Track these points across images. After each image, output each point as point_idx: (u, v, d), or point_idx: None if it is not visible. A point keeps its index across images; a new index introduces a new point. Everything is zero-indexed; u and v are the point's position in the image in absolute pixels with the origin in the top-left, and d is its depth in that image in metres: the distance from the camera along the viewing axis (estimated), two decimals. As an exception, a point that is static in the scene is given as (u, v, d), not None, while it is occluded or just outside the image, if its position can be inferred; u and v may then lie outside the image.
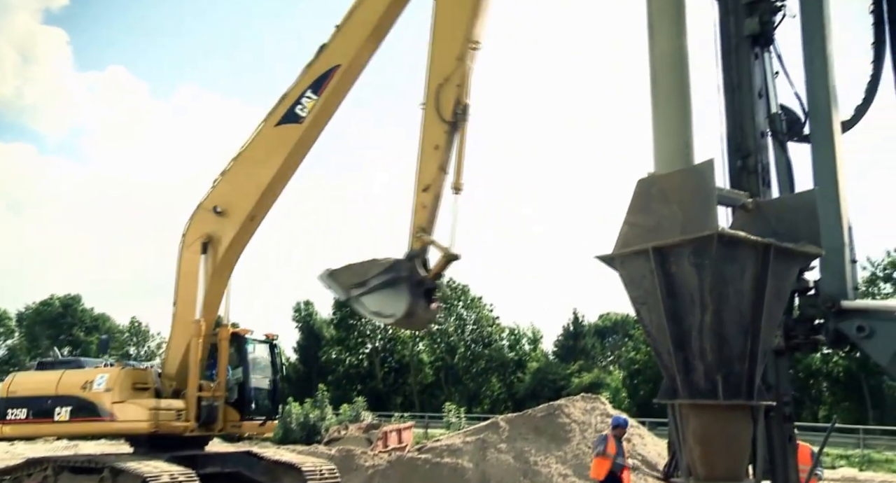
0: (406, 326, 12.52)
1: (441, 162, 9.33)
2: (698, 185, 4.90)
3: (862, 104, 7.91)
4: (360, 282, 9.01)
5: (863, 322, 6.31)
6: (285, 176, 12.35)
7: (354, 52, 10.96)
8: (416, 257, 9.18)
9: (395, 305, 8.98)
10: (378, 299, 9.04)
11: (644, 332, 5.27)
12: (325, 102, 11.39)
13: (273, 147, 12.04)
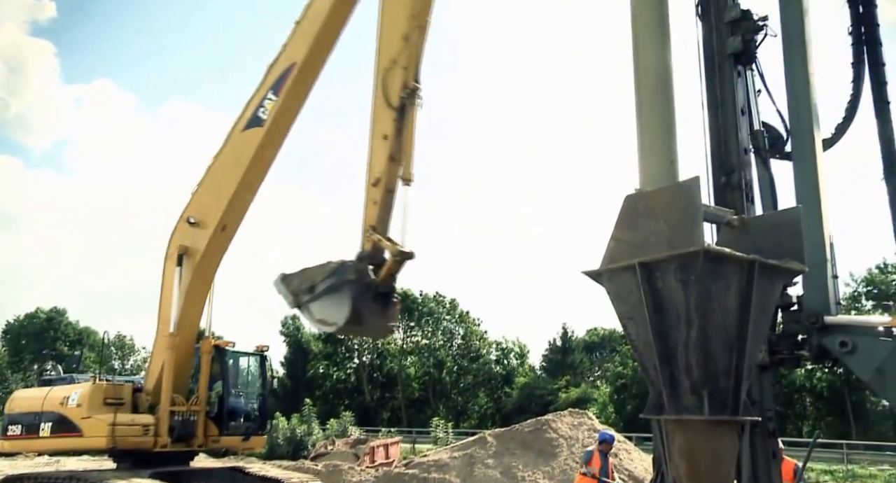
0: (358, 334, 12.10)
1: (391, 152, 8.62)
2: (685, 201, 4.96)
3: (842, 123, 8.05)
4: (309, 287, 8.29)
5: (845, 337, 6.38)
6: (252, 183, 12.02)
7: (307, 49, 10.72)
8: (366, 258, 8.46)
9: (338, 312, 8.17)
10: (323, 306, 8.28)
11: (631, 348, 5.31)
12: (283, 103, 11.13)
13: (239, 153, 11.79)
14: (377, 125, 8.80)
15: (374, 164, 8.80)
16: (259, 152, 11.57)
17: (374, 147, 8.80)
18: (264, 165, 11.97)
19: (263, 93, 11.32)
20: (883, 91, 7.79)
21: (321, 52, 10.83)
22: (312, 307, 8.31)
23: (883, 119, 7.73)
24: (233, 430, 13.68)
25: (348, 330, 8.56)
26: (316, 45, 10.64)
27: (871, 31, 7.84)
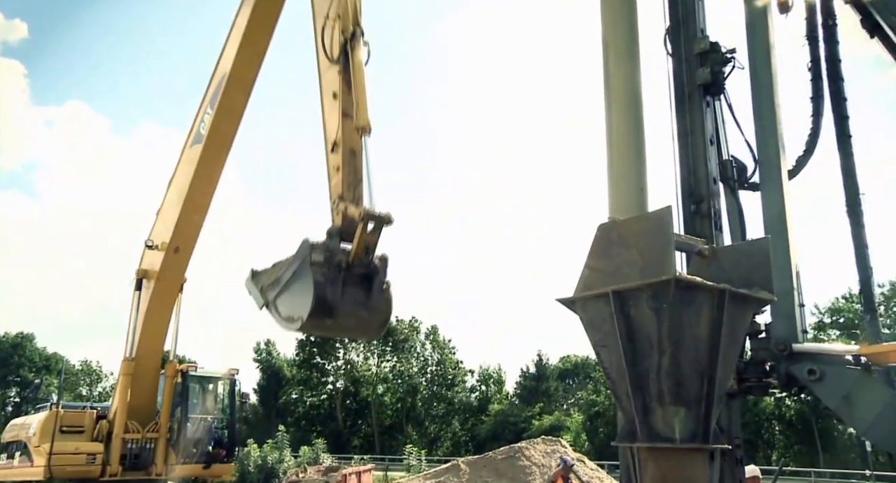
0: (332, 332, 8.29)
1: (344, 107, 7.44)
2: (657, 230, 5.05)
3: (803, 156, 8.27)
4: (276, 280, 6.70)
5: (813, 365, 6.50)
6: (198, 202, 11.58)
7: (233, 58, 10.39)
8: (336, 234, 6.88)
9: (302, 304, 6.40)
10: (288, 300, 6.62)
11: (604, 375, 5.36)
12: (217, 115, 10.74)
13: (186, 171, 11.44)
14: (325, 85, 7.76)
15: (328, 127, 7.59)
16: (200, 169, 11.15)
17: (326, 109, 7.71)
18: (208, 183, 11.42)
19: (204, 108, 11.02)
20: (845, 125, 8.00)
21: (250, 60, 10.37)
22: (279, 303, 6.65)
23: (845, 153, 7.94)
24: (192, 458, 13.20)
25: (317, 326, 6.70)
26: (242, 53, 10.24)
27: (834, 67, 8.09)
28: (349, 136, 7.36)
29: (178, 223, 11.63)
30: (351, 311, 6.56)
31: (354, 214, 6.78)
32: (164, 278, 12.08)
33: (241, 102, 10.82)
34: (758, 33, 8.23)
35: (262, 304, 6.90)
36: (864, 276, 7.55)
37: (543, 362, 63.41)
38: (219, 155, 11.30)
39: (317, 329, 6.79)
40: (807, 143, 8.29)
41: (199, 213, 11.88)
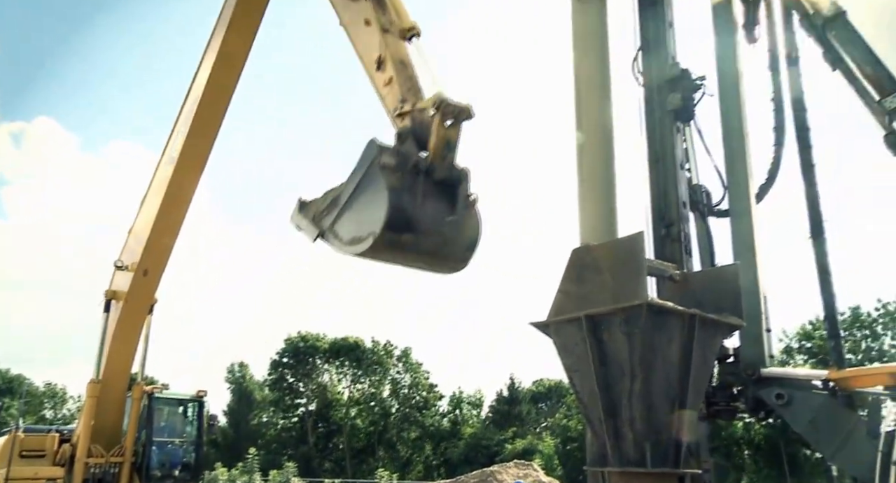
0: (410, 259, 5.41)
1: (379, 24, 6.35)
2: (629, 256, 5.12)
3: (765, 184, 8.45)
4: (332, 202, 5.56)
5: (781, 390, 6.60)
6: (169, 225, 11.21)
7: (206, 81, 10.09)
8: (407, 135, 5.54)
9: (372, 216, 5.11)
10: (354, 217, 5.38)
11: (576, 400, 5.39)
12: (189, 138, 10.42)
13: (157, 193, 11.11)
14: (352, 18, 6.74)
15: (366, 50, 6.47)
16: (171, 191, 10.82)
17: (360, 36, 6.63)
18: (178, 206, 11.11)
19: (177, 129, 10.79)
20: (807, 155, 8.17)
21: (224, 83, 10.03)
22: (339, 227, 5.48)
23: (809, 181, 8.10)
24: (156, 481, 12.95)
25: (393, 245, 5.13)
26: (217, 75, 9.92)
27: (797, 97, 8.29)
28: (395, 47, 6.23)
29: (148, 245, 11.28)
30: (434, 228, 5.22)
31: (427, 105, 5.49)
32: (133, 300, 11.73)
33: (215, 124, 10.53)
34: (727, 62, 8.45)
35: (315, 234, 5.70)
36: (828, 302, 7.69)
37: (516, 386, 63.28)
38: (190, 177, 10.99)
39: (392, 249, 5.09)
40: (769, 172, 8.47)
41: (169, 235, 11.52)
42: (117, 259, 11.92)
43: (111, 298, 11.95)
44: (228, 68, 9.91)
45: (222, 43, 9.51)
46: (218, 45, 9.69)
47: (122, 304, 11.76)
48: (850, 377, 6.78)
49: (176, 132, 10.87)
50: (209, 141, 10.84)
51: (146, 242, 11.19)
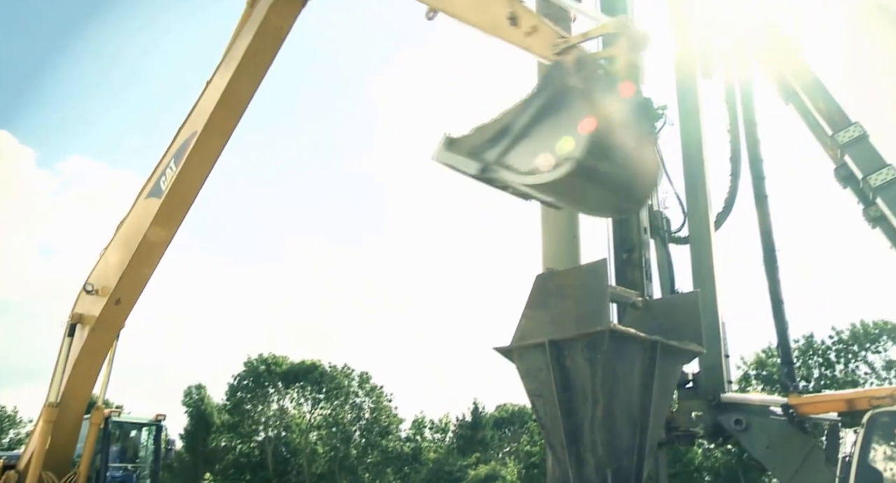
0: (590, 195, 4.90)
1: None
2: (592, 282, 5.19)
3: (722, 212, 8.64)
4: (498, 133, 4.99)
5: (740, 416, 6.70)
6: (149, 258, 10.85)
7: (208, 118, 9.69)
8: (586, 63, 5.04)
9: (567, 140, 4.54)
10: (533, 146, 4.77)
11: (539, 425, 5.41)
12: (180, 175, 10.02)
13: (139, 222, 10.65)
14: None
15: (484, 14, 6.10)
16: (153, 225, 10.44)
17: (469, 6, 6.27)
18: (161, 241, 10.77)
19: (167, 161, 10.35)
20: (761, 186, 8.37)
21: (227, 119, 9.69)
22: (511, 158, 4.87)
23: (762, 211, 8.29)
24: None
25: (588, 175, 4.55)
26: (219, 113, 9.55)
27: (751, 130, 8.53)
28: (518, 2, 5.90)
29: (125, 275, 10.74)
30: (626, 160, 4.74)
31: (611, 29, 5.07)
32: (102, 328, 11.20)
33: (209, 164, 10.04)
34: (687, 94, 8.67)
35: (477, 168, 5.07)
36: (781, 330, 7.84)
37: (479, 411, 63.08)
38: (177, 214, 10.44)
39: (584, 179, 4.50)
40: (726, 201, 8.67)
41: (149, 266, 11.01)
42: (87, 282, 11.53)
43: (77, 322, 11.52)
44: (230, 108, 9.63)
45: (228, 83, 9.24)
46: (223, 84, 9.30)
47: (89, 331, 11.33)
48: (810, 403, 6.92)
49: (165, 165, 10.37)
50: (202, 178, 10.31)
51: (123, 272, 10.75)
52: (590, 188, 4.62)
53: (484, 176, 4.96)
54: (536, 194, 4.79)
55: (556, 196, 4.74)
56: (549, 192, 4.64)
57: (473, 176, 5.01)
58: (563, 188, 4.52)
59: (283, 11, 8.27)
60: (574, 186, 4.51)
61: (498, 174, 4.88)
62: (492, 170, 4.91)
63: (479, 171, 4.99)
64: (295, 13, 8.24)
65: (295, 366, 59.99)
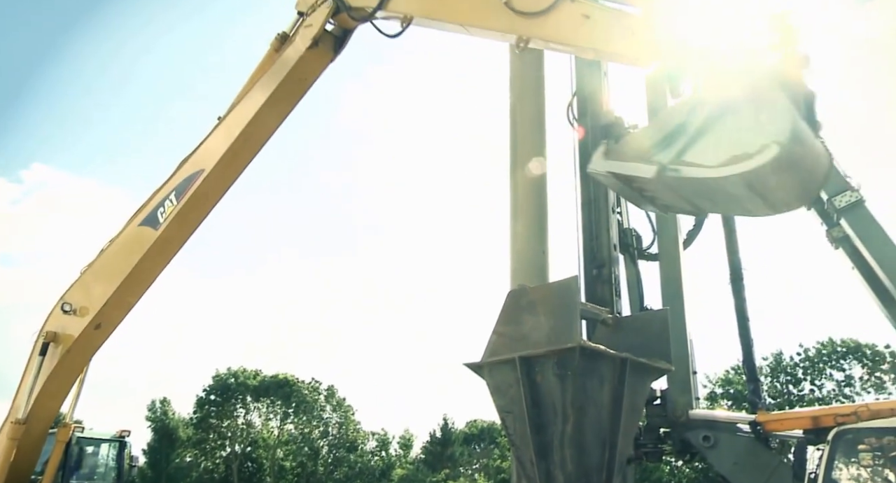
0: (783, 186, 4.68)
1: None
2: (563, 299, 5.20)
3: (692, 230, 8.76)
4: (668, 135, 4.91)
5: (708, 432, 6.76)
6: (136, 286, 10.36)
7: (217, 159, 9.33)
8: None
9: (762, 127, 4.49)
10: (716, 139, 4.69)
11: (509, 441, 5.39)
12: (182, 211, 9.61)
13: (130, 249, 9.99)
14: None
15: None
16: (146, 257, 9.92)
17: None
18: (152, 272, 10.26)
19: (167, 191, 9.75)
20: None
21: (237, 162, 9.24)
22: (692, 154, 4.74)
23: (728, 229, 8.42)
24: None
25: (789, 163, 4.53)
26: (230, 156, 9.13)
27: None
28: None
29: (109, 302, 10.25)
30: (813, 148, 4.68)
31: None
32: (78, 351, 10.71)
33: (213, 203, 9.68)
34: (657, 113, 8.74)
35: (654, 170, 4.83)
36: (747, 347, 7.94)
37: (449, 426, 62.83)
38: (172, 248, 10.13)
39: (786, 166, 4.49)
40: (696, 219, 8.79)
41: (135, 296, 10.51)
42: (63, 300, 11.03)
43: (50, 341, 11.04)
44: (243, 152, 9.18)
45: (245, 127, 8.85)
46: (239, 128, 8.90)
47: (64, 352, 10.87)
48: (776, 420, 6.99)
49: (163, 195, 9.82)
50: (206, 212, 9.92)
51: (107, 299, 10.28)
52: (783, 177, 4.51)
53: (660, 182, 4.78)
54: (726, 191, 4.65)
55: (749, 191, 4.55)
56: (744, 186, 4.50)
57: (653, 176, 4.78)
58: (761, 177, 4.39)
59: (312, 65, 8.02)
60: (770, 175, 4.40)
61: (681, 173, 4.69)
62: (672, 170, 4.71)
63: (657, 172, 4.76)
64: (324, 66, 8.05)
65: (267, 380, 59.30)
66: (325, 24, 7.57)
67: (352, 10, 7.16)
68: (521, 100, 8.53)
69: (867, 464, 6.33)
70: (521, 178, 8.18)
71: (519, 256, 7.88)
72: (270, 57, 8.55)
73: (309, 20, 7.87)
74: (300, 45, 7.88)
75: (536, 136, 8.41)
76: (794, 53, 4.79)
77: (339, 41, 7.74)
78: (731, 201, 4.72)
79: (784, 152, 4.27)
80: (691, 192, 4.83)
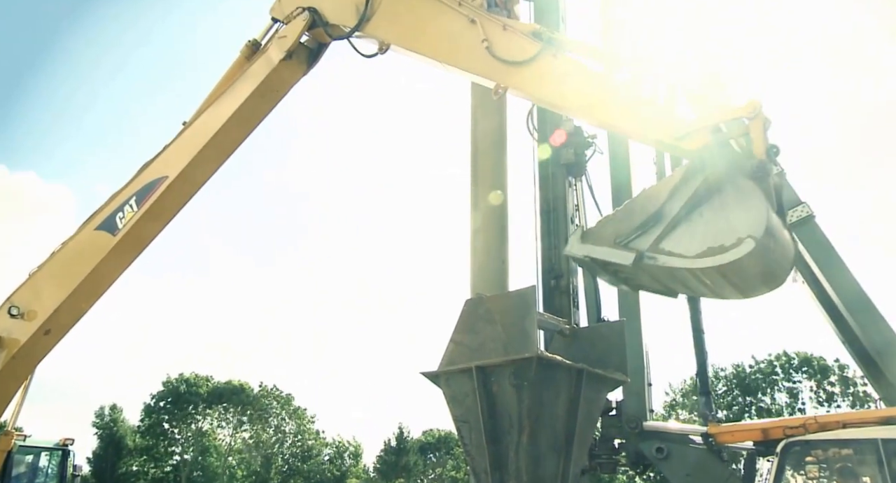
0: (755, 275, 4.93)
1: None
2: (521, 309, 5.19)
3: None
4: (646, 221, 5.04)
5: (661, 444, 6.82)
6: (91, 293, 9.94)
7: (184, 166, 9.05)
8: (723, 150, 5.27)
9: (738, 221, 4.72)
10: (693, 230, 4.88)
11: (464, 451, 5.36)
12: (143, 218, 9.29)
13: (84, 254, 10.06)
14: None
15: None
16: (103, 263, 9.58)
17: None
18: (107, 279, 9.90)
19: (127, 195, 9.42)
20: None
21: (200, 174, 8.98)
22: (669, 243, 4.93)
23: None
24: None
25: (762, 254, 4.74)
26: (195, 166, 8.87)
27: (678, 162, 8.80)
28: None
29: (61, 308, 9.78)
30: (783, 237, 4.90)
31: (738, 113, 5.24)
32: (24, 357, 10.22)
33: (175, 211, 9.41)
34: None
35: (631, 257, 4.99)
36: (701, 360, 8.05)
37: (404, 435, 62.50)
38: (131, 255, 9.80)
39: (758, 257, 4.67)
40: None
41: (88, 302, 10.07)
42: (9, 303, 10.52)
43: None
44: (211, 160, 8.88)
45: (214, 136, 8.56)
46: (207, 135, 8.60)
47: (8, 357, 10.32)
48: (728, 432, 7.09)
49: (122, 201, 9.38)
50: (167, 220, 9.52)
51: (59, 305, 9.80)
52: (755, 268, 4.74)
53: (638, 269, 4.96)
54: (700, 279, 4.85)
55: (723, 279, 4.78)
56: (714, 276, 4.74)
57: (631, 264, 4.96)
58: (732, 271, 4.66)
59: (285, 76, 7.79)
60: (743, 269, 4.67)
61: (658, 261, 4.90)
62: (649, 257, 4.92)
63: (635, 259, 4.95)
64: (297, 79, 7.82)
65: (220, 386, 58.25)
66: (300, 37, 7.36)
67: (329, 26, 7.01)
68: (481, 110, 8.56)
69: (814, 475, 6.47)
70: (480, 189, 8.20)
71: (479, 266, 7.88)
72: (240, 64, 8.29)
73: (284, 31, 7.66)
74: (273, 57, 7.66)
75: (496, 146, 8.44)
76: (764, 144, 5.04)
77: (313, 54, 7.55)
78: (702, 287, 4.91)
79: (758, 246, 4.55)
80: (666, 278, 5.00)
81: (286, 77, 7.78)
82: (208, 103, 8.99)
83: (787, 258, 4.97)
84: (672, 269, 4.83)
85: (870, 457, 6.09)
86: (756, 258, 4.61)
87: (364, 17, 6.83)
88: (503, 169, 8.39)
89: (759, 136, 5.06)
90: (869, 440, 6.08)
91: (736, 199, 4.84)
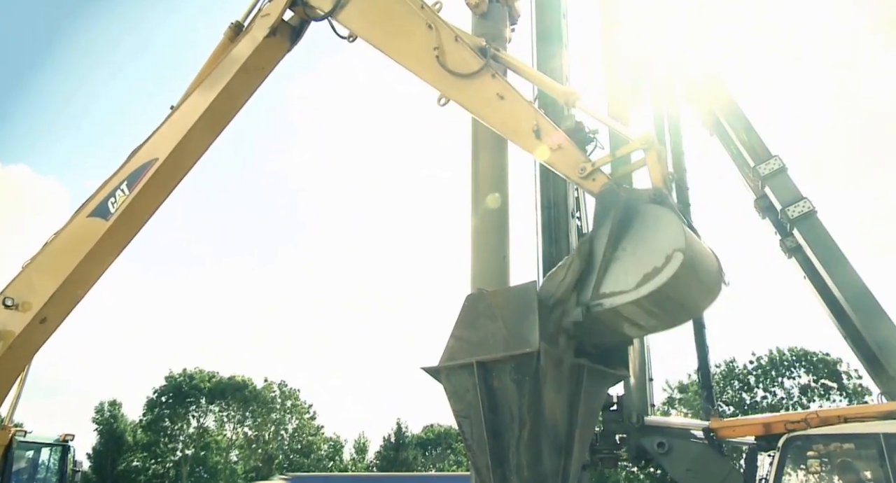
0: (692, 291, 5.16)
1: (519, 95, 6.23)
2: (522, 304, 5.17)
3: None
4: (577, 275, 5.15)
5: (663, 439, 6.82)
6: (84, 278, 10.11)
7: (173, 147, 9.16)
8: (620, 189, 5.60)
9: (659, 242, 4.94)
10: (625, 263, 5.04)
11: (465, 446, 5.34)
12: (135, 201, 9.41)
13: (78, 241, 9.85)
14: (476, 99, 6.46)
15: (507, 122, 6.28)
16: (97, 248, 9.70)
17: (491, 110, 6.36)
18: (101, 264, 10.03)
19: (118, 181, 9.58)
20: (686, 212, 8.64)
21: (190, 153, 9.08)
22: (607, 285, 5.08)
23: None
24: None
25: (690, 267, 4.93)
26: (185, 145, 8.96)
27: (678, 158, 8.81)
28: (540, 115, 6.20)
29: (56, 295, 9.86)
30: (704, 252, 5.17)
31: (634, 146, 5.66)
32: (21, 347, 10.23)
33: (167, 192, 9.49)
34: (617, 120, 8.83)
35: (579, 313, 5.10)
36: (702, 355, 8.06)
37: (403, 431, 62.59)
38: (124, 239, 9.63)
39: (689, 270, 4.86)
40: None
41: (83, 288, 10.12)
42: (4, 295, 10.58)
43: None
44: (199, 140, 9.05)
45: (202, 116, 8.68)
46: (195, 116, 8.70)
47: (5, 348, 10.39)
48: (729, 427, 7.09)
49: (114, 186, 9.50)
50: (158, 204, 9.60)
51: (53, 292, 9.87)
52: (693, 280, 4.92)
53: (590, 315, 5.00)
54: (648, 310, 4.93)
55: (669, 301, 4.87)
56: (659, 300, 4.82)
57: (582, 318, 5.02)
58: (673, 290, 4.77)
59: (269, 54, 7.98)
60: (681, 284, 4.80)
61: (604, 306, 4.97)
62: (595, 305, 5.01)
63: (584, 313, 5.03)
64: (280, 56, 8.00)
65: (223, 382, 58.30)
66: (282, 14, 7.54)
67: (307, 6, 7.22)
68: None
69: (815, 470, 6.47)
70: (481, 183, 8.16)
71: (479, 261, 7.84)
72: (224, 46, 8.44)
73: (266, 9, 7.83)
74: (257, 34, 7.83)
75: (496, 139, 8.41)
76: (661, 173, 5.35)
77: (296, 31, 7.75)
78: (653, 319, 5.02)
79: (688, 256, 4.77)
80: (617, 321, 5.05)
81: (271, 54, 7.96)
82: (195, 86, 9.06)
83: (714, 265, 5.19)
84: (618, 310, 4.92)
85: (871, 451, 6.10)
86: (690, 269, 4.81)
87: (339, 4, 7.01)
88: (504, 164, 8.35)
89: (655, 166, 5.40)
90: (870, 435, 6.08)
91: (649, 224, 5.05)
